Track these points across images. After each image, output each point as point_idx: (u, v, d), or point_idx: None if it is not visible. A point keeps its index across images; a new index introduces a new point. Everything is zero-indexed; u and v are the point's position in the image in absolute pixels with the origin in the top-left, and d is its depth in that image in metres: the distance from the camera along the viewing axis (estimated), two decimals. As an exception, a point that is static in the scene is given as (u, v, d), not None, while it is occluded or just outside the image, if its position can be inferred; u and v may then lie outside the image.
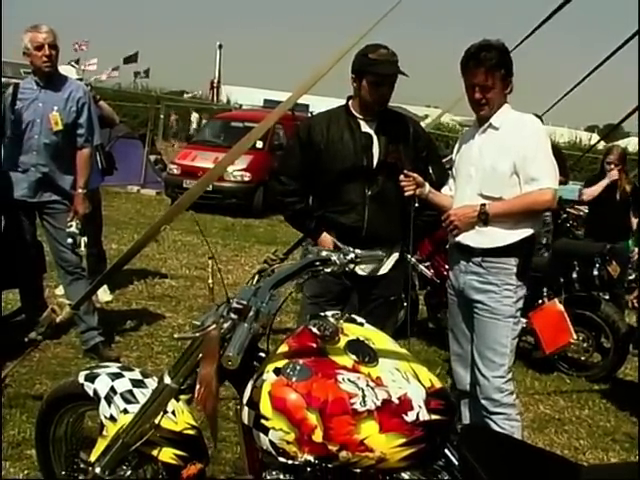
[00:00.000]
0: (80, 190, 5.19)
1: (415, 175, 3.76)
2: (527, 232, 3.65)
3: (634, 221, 7.53)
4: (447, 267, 4.39)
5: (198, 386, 2.14)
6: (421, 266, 6.36)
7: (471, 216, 3.60)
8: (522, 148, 3.55)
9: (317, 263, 2.50)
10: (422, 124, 6.17)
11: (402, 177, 3.74)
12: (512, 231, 3.62)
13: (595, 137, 25.16)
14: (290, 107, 5.80)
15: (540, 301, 6.11)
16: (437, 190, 3.92)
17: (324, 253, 2.54)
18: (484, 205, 3.58)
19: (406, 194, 3.76)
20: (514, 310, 3.69)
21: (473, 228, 3.64)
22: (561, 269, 6.21)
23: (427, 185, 3.82)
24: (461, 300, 3.85)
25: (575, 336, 5.82)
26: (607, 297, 6.32)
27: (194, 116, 25.23)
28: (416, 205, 3.96)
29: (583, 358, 6.24)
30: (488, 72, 3.57)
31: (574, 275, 6.15)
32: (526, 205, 3.59)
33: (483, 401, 3.72)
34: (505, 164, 3.58)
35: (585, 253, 6.31)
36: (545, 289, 6.21)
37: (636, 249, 7.72)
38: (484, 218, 3.57)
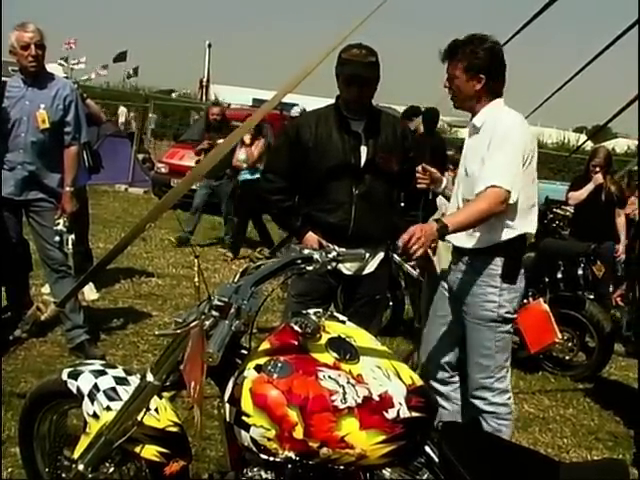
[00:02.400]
0: (68, 188, 5.17)
1: (433, 170, 3.78)
2: (514, 232, 3.55)
3: (619, 221, 7.60)
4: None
5: (192, 385, 2.14)
6: (406, 265, 6.37)
7: (432, 233, 3.20)
8: (487, 147, 3.48)
9: (299, 261, 2.51)
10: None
11: (419, 169, 3.74)
12: (497, 232, 3.53)
13: (583, 138, 25.30)
14: (275, 106, 5.80)
15: (525, 301, 6.15)
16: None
17: (306, 251, 2.56)
18: (440, 220, 3.28)
19: (418, 186, 3.78)
20: (496, 315, 3.58)
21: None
22: (546, 269, 6.26)
23: (445, 181, 3.83)
24: (451, 297, 3.82)
25: (560, 335, 5.86)
26: (592, 297, 6.35)
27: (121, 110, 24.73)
28: (401, 204, 3.99)
29: (568, 357, 6.29)
30: (451, 62, 3.61)
31: (559, 275, 6.21)
32: (482, 213, 3.37)
33: (472, 400, 3.72)
34: (475, 166, 3.53)
35: (570, 253, 6.36)
36: (530, 289, 6.26)
37: (620, 248, 7.78)
38: (444, 233, 3.28)
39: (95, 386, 2.60)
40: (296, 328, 2.28)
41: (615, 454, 4.68)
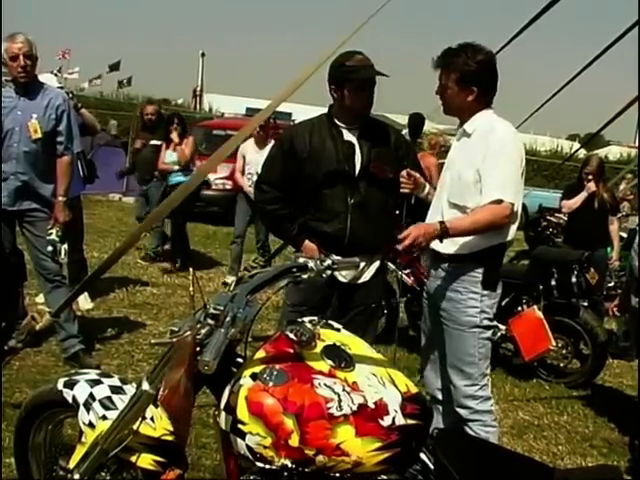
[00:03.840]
0: (60, 198, 5.17)
1: (418, 175, 3.79)
2: (495, 241, 3.59)
3: (612, 228, 7.63)
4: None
5: (162, 387, 2.16)
6: (401, 273, 6.39)
7: (433, 234, 3.41)
8: (484, 156, 3.50)
9: (294, 269, 2.52)
10: (403, 132, 6.23)
11: (404, 173, 3.76)
12: (479, 239, 3.55)
13: (576, 146, 25.41)
14: (269, 115, 5.81)
15: (519, 308, 6.18)
16: None
17: (301, 260, 2.57)
18: (443, 223, 3.43)
19: (401, 191, 3.79)
20: (478, 320, 3.62)
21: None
22: (540, 276, 6.27)
23: (427, 186, 3.85)
24: (431, 305, 3.85)
25: (554, 343, 5.86)
26: (586, 304, 6.37)
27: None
28: (397, 212, 4.00)
29: (562, 365, 6.30)
30: (444, 71, 3.64)
31: (553, 282, 6.21)
32: (485, 224, 3.47)
33: (457, 409, 3.71)
34: (469, 172, 3.55)
35: (563, 260, 6.37)
36: (524, 296, 6.28)
37: (614, 256, 7.81)
38: (444, 236, 3.42)
39: (91, 395, 2.60)
40: (291, 336, 2.29)
41: (610, 461, 4.69)
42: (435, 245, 3.67)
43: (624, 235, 9.24)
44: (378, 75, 3.97)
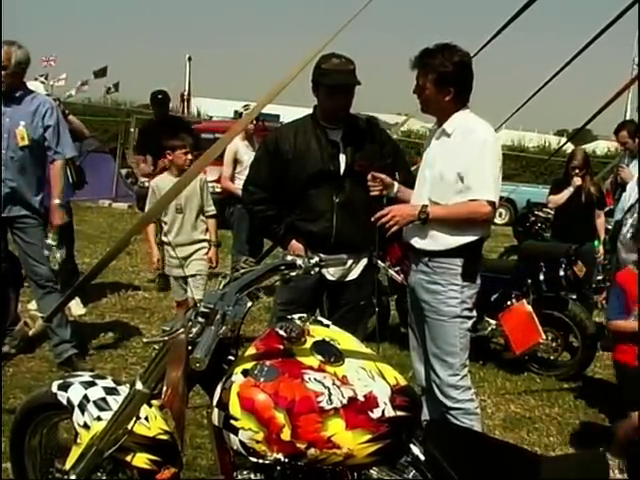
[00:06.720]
0: (56, 201, 5.16)
1: (383, 176, 3.84)
2: (472, 238, 3.70)
3: (599, 222, 7.67)
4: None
5: (165, 388, 2.19)
6: (391, 271, 6.42)
7: (412, 214, 3.63)
8: (466, 156, 3.59)
9: (282, 267, 2.56)
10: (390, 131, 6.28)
11: (369, 177, 3.81)
12: (457, 237, 3.67)
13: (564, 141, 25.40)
14: (255, 117, 5.84)
15: (509, 303, 6.22)
16: None
17: (289, 257, 2.61)
18: (426, 206, 3.64)
19: (371, 194, 3.84)
20: (459, 310, 3.72)
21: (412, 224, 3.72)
22: (528, 271, 6.31)
23: (396, 185, 3.90)
24: (413, 298, 3.93)
25: (544, 336, 5.92)
26: (574, 297, 6.42)
27: None
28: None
29: (552, 357, 6.34)
30: (421, 72, 3.70)
31: (541, 276, 6.25)
32: (465, 215, 3.65)
33: (441, 398, 3.79)
34: (451, 172, 3.64)
35: (551, 255, 6.42)
36: (513, 291, 6.32)
37: (602, 249, 7.85)
38: (424, 217, 3.61)
39: (85, 397, 2.63)
40: (281, 333, 2.33)
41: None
42: (415, 242, 3.76)
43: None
44: (349, 82, 4.00)
